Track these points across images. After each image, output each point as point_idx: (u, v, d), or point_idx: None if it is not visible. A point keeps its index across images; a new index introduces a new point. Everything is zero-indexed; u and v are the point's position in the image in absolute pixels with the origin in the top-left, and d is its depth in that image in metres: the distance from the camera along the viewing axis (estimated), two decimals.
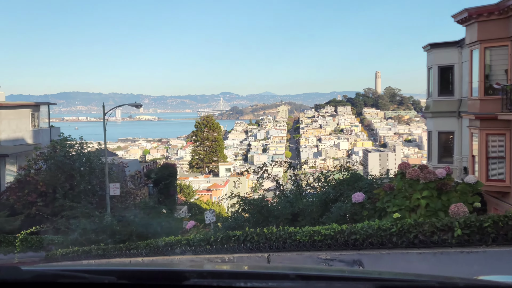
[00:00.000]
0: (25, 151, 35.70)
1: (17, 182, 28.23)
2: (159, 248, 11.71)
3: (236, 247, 10.07)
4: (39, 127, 45.34)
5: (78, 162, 28.39)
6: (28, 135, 43.19)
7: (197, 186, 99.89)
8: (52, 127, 47.85)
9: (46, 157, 28.66)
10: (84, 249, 14.28)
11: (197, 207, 67.14)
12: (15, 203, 27.42)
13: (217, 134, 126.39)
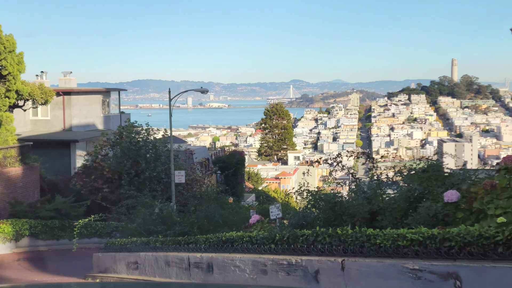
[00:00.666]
0: (95, 136, 35.77)
1: (84, 167, 28.09)
2: (219, 245, 10.61)
3: (305, 248, 8.78)
4: (109, 113, 45.61)
5: (144, 148, 27.89)
6: (99, 121, 43.50)
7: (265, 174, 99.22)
8: (123, 113, 48.09)
9: (112, 143, 28.34)
10: (142, 240, 13.44)
11: (265, 195, 66.28)
12: (81, 188, 27.27)
13: (286, 122, 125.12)
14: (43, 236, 22.02)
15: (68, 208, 22.85)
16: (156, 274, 12.28)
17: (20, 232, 21.20)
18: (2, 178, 24.01)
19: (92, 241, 23.04)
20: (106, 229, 23.33)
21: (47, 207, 22.62)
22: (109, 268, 14.40)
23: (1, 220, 21.13)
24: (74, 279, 15.52)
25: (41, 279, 15.94)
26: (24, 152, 25.95)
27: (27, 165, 25.78)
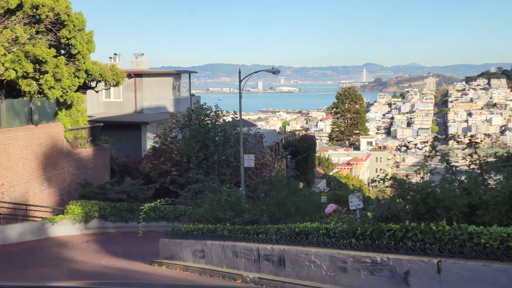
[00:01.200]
0: (165, 119, 35.64)
1: (153, 150, 27.83)
2: (292, 236, 9.64)
3: (392, 245, 7.65)
4: (180, 95, 45.52)
5: (213, 131, 27.29)
6: (169, 103, 43.47)
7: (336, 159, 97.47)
8: (193, 95, 47.94)
9: (181, 125, 27.91)
10: (209, 228, 12.68)
11: (336, 181, 64.81)
12: (150, 171, 27.04)
13: (359, 106, 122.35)
14: (112, 218, 21.86)
15: (136, 191, 22.57)
16: (223, 264, 11.48)
17: (89, 214, 21.10)
18: (73, 159, 24.06)
19: (160, 225, 22.71)
20: (174, 213, 22.92)
21: (116, 189, 22.43)
22: (175, 255, 13.76)
23: (72, 201, 21.10)
24: (141, 264, 15.03)
25: (107, 262, 15.57)
26: (95, 133, 25.94)
27: (98, 146, 25.76)
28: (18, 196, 20.96)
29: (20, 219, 20.76)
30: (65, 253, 17.20)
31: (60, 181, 23.30)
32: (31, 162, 21.59)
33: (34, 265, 14.76)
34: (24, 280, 11.84)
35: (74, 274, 13.15)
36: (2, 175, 20.13)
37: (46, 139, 22.41)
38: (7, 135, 20.41)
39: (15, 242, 18.12)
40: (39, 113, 22.49)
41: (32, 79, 19.79)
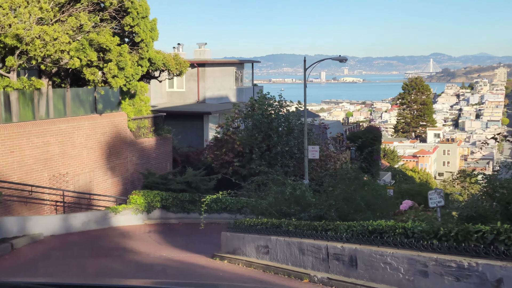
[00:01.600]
0: (227, 109, 35.40)
1: (215, 140, 27.55)
2: (365, 235, 8.93)
3: (481, 249, 6.82)
4: (242, 85, 45.21)
5: (276, 121, 26.69)
6: (232, 93, 43.23)
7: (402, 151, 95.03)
8: (255, 85, 47.53)
9: (244, 115, 27.46)
10: (273, 223, 12.12)
11: (401, 173, 63.00)
12: (212, 161, 26.77)
13: (425, 97, 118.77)
14: (174, 209, 21.70)
15: (198, 181, 22.30)
16: (288, 262, 10.89)
17: (151, 204, 21.00)
18: (136, 149, 24.07)
19: (221, 217, 22.38)
20: (236, 204, 22.53)
21: (178, 180, 22.25)
22: (238, 249, 13.29)
23: (134, 191, 21.06)
24: (202, 257, 14.67)
25: (169, 254, 15.31)
26: (158, 123, 25.89)
27: (160, 136, 25.70)
28: (82, 185, 21.11)
29: (84, 208, 20.91)
30: (127, 243, 17.09)
31: (123, 171, 23.36)
32: (95, 151, 21.71)
33: (96, 255, 14.68)
34: (85, 270, 11.68)
35: (135, 266, 12.91)
36: (67, 164, 20.31)
37: (110, 128, 22.48)
38: (72, 124, 20.56)
39: (78, 231, 18.19)
40: (103, 102, 22.58)
41: (96, 68, 19.79)
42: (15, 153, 18.10)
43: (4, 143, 17.71)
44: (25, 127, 18.54)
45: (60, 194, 19.66)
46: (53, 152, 19.63)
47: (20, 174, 18.25)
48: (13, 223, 16.06)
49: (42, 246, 15.55)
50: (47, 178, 19.36)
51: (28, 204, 18.41)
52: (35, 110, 19.49)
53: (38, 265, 12.44)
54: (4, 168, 17.62)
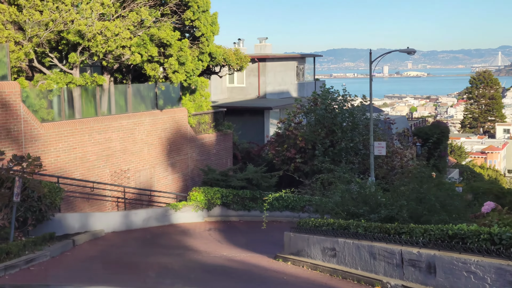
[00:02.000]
0: (288, 104, 34.87)
1: (277, 136, 27.03)
2: (444, 240, 8.18)
3: None
4: (304, 80, 44.52)
5: (340, 116, 25.90)
6: (293, 88, 42.64)
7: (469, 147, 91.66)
8: (317, 80, 46.76)
9: (306, 111, 26.80)
10: (341, 224, 11.47)
11: (469, 170, 60.61)
12: (273, 158, 26.28)
13: (494, 91, 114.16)
14: (234, 206, 21.34)
15: (259, 178, 21.85)
16: (358, 266, 10.22)
17: (212, 201, 20.71)
18: (196, 145, 23.87)
19: (283, 215, 21.86)
20: (298, 202, 21.95)
21: (238, 176, 21.87)
22: (302, 251, 12.71)
23: (195, 188, 20.83)
24: (264, 257, 14.19)
25: (229, 253, 14.93)
26: (218, 118, 25.62)
27: (221, 132, 25.41)
28: (143, 181, 21.06)
29: (144, 204, 20.86)
30: (187, 241, 16.84)
31: (184, 167, 23.21)
32: (155, 147, 21.62)
33: (157, 253, 14.45)
34: (145, 270, 11.40)
35: (196, 266, 12.56)
36: (128, 160, 20.29)
37: (171, 124, 22.34)
38: (133, 120, 20.52)
39: (139, 227, 18.09)
40: (163, 98, 22.46)
41: (157, 63, 19.64)
42: (78, 150, 18.17)
43: (67, 140, 17.80)
44: (87, 124, 18.60)
45: (121, 191, 19.65)
46: (114, 148, 19.64)
47: (83, 170, 18.33)
48: (75, 220, 16.08)
49: (103, 242, 15.48)
50: (108, 175, 19.38)
51: (90, 200, 18.47)
52: (97, 107, 19.54)
53: (97, 262, 12.29)
54: (66, 165, 17.72)
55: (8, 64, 16.07)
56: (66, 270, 11.00)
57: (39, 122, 16.90)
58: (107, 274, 10.46)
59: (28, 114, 16.42)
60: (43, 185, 14.02)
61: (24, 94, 17.11)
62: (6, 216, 12.24)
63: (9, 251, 10.96)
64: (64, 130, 17.68)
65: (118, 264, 12.24)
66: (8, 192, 12.01)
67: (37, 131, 16.70)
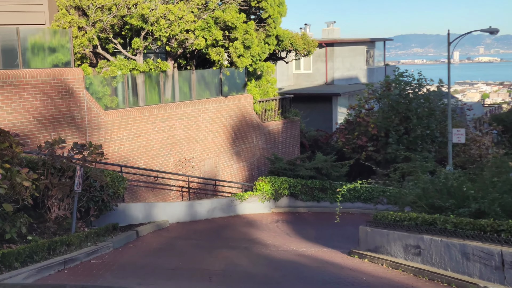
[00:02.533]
0: (357, 90, 33.59)
1: (347, 123, 25.87)
2: None
3: None
4: (373, 65, 42.93)
5: (415, 102, 24.43)
6: (362, 74, 41.16)
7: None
8: (387, 65, 45.04)
9: (378, 96, 25.47)
10: (425, 219, 10.35)
11: None
12: (343, 146, 25.15)
13: None
14: (303, 197, 20.42)
15: (329, 168, 20.83)
16: (447, 267, 9.10)
17: (279, 191, 19.88)
18: (262, 132, 23.07)
19: (354, 206, 20.81)
20: (371, 193, 20.81)
21: (306, 165, 20.92)
22: (380, 247, 11.66)
23: (261, 177, 20.05)
24: (338, 253, 13.23)
25: (299, 248, 14.05)
26: (285, 105, 24.71)
27: (288, 119, 24.51)
28: (208, 170, 20.48)
29: (209, 194, 20.28)
30: (254, 233, 16.08)
31: (249, 156, 22.48)
32: (220, 135, 20.97)
33: (222, 246, 13.75)
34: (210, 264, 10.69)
35: (264, 261, 11.75)
36: (192, 148, 19.73)
37: (236, 111, 21.63)
38: (197, 107, 19.92)
39: (203, 218, 17.50)
40: (228, 84, 21.76)
41: (221, 47, 18.91)
42: (141, 138, 17.74)
43: (131, 127, 17.39)
44: (151, 111, 18.13)
45: (186, 180, 19.11)
46: (178, 137, 19.11)
47: (146, 159, 17.89)
48: (139, 210, 15.62)
49: (167, 234, 14.94)
50: (172, 163, 18.89)
51: (154, 190, 18.02)
52: (160, 93, 19.04)
53: (161, 256, 11.69)
54: (130, 153, 17.32)
55: (71, 50, 15.74)
56: (128, 263, 10.43)
57: (103, 110, 16.53)
58: (171, 269, 9.79)
59: (91, 101, 16.06)
60: (106, 174, 13.57)
61: (88, 81, 16.77)
62: (67, 207, 11.83)
63: (70, 243, 10.50)
64: (128, 117, 17.27)
65: (183, 257, 11.59)
66: (69, 182, 11.57)
67: (100, 118, 16.33)
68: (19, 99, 13.97)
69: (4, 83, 13.63)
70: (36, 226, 11.35)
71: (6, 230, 9.26)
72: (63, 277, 8.50)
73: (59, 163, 11.40)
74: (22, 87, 14.05)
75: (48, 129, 14.71)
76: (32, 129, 14.31)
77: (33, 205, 11.59)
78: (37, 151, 11.62)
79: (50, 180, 11.33)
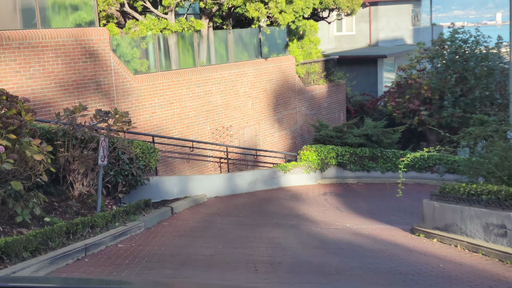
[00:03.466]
0: (404, 51, 31.41)
1: (397, 85, 23.89)
2: None
3: None
4: (419, 25, 40.41)
5: (472, 61, 22.27)
6: (408, 34, 38.74)
7: None
8: (434, 25, 42.38)
9: (432, 55, 23.36)
10: (510, 192, 8.65)
11: None
12: (393, 111, 23.25)
13: None
14: (351, 167, 18.77)
15: (380, 134, 19.06)
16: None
17: (325, 161, 18.27)
18: (305, 97, 21.38)
19: (408, 175, 19.07)
20: (427, 161, 19.02)
21: (355, 132, 19.19)
22: (452, 225, 9.98)
23: (305, 146, 18.43)
24: (398, 231, 11.63)
25: (353, 224, 12.49)
26: (329, 67, 22.89)
27: (332, 83, 22.72)
28: (247, 139, 18.98)
29: (249, 165, 18.81)
30: (301, 208, 14.56)
31: (292, 123, 20.85)
32: (260, 101, 19.38)
33: (266, 224, 12.28)
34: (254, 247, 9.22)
35: (315, 242, 10.22)
36: (230, 116, 18.23)
37: (276, 74, 19.95)
38: (235, 71, 18.33)
39: (244, 192, 16.05)
40: (268, 45, 20.06)
41: (260, 2, 17.16)
42: (175, 105, 16.29)
43: (163, 93, 15.95)
44: (185, 75, 16.63)
45: (224, 150, 17.67)
46: (215, 103, 17.60)
47: (181, 128, 16.47)
48: (174, 183, 14.24)
49: (205, 210, 13.55)
50: (209, 132, 17.43)
51: (190, 161, 16.64)
52: (195, 56, 17.50)
53: (198, 237, 10.28)
54: (163, 122, 15.91)
55: (95, 8, 14.25)
56: (160, 247, 9.04)
57: (132, 74, 15.10)
58: (209, 255, 8.36)
59: (119, 64, 14.63)
60: (135, 145, 12.17)
61: (115, 42, 15.31)
62: (92, 182, 10.47)
63: (94, 224, 9.14)
64: (159, 82, 15.81)
65: (223, 239, 10.16)
66: (93, 154, 10.18)
67: (129, 84, 14.92)
68: (38, 62, 12.61)
69: (21, 45, 12.27)
70: (57, 205, 10.03)
71: (18, 212, 7.94)
72: (81, 268, 7.13)
73: (81, 133, 10.00)
74: (41, 49, 12.67)
75: (72, 96, 13.36)
76: (54, 96, 12.97)
77: (53, 181, 10.29)
78: (55, 120, 10.25)
79: (71, 153, 9.97)
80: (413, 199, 16.52)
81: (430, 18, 42.65)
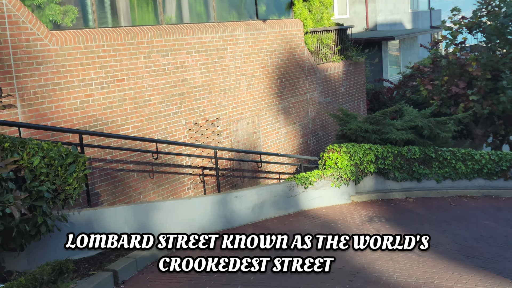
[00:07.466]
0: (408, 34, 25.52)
1: (433, 64, 17.38)
2: None
3: None
4: (418, 9, 34.44)
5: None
6: (406, 18, 32.63)
7: None
8: (432, 9, 36.54)
9: (477, 21, 16.92)
10: None
11: None
12: (429, 97, 16.75)
13: None
14: (396, 175, 12.12)
15: (433, 126, 12.46)
16: None
17: (360, 167, 11.59)
18: (317, 79, 14.69)
19: (473, 185, 12.62)
20: (498, 163, 12.56)
21: (398, 124, 12.54)
22: None
23: (331, 146, 11.55)
24: None
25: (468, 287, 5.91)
26: (344, 40, 16.24)
27: (349, 60, 16.08)
28: (242, 138, 12.20)
29: (247, 177, 12.01)
30: (350, 254, 7.85)
31: (302, 114, 14.15)
32: (259, 81, 12.64)
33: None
34: None
35: None
36: (216, 103, 11.42)
37: (279, 44, 13.25)
38: (221, 35, 11.54)
39: (245, 223, 9.23)
40: (266, 3, 13.34)
41: None
42: (126, 84, 9.46)
43: (105, 64, 9.12)
44: (141, 36, 9.85)
45: (210, 156, 10.86)
46: (192, 83, 10.79)
47: (138, 122, 9.63)
48: (124, 218, 7.41)
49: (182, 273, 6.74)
50: (185, 129, 10.61)
51: (155, 176, 9.78)
52: (158, 9, 10.65)
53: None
54: (106, 111, 9.06)
55: None
56: None
57: (47, 29, 8.22)
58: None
59: (19, 10, 7.76)
60: (34, 148, 5.43)
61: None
62: None
63: None
64: (98, 45, 8.94)
65: None
66: None
67: (42, 45, 8.04)
68: None
69: None
70: None
71: None
72: None
73: None
74: None
75: None
76: None
77: None
78: None
79: None
80: (500, 222, 10.18)
81: (428, 2, 36.73)
